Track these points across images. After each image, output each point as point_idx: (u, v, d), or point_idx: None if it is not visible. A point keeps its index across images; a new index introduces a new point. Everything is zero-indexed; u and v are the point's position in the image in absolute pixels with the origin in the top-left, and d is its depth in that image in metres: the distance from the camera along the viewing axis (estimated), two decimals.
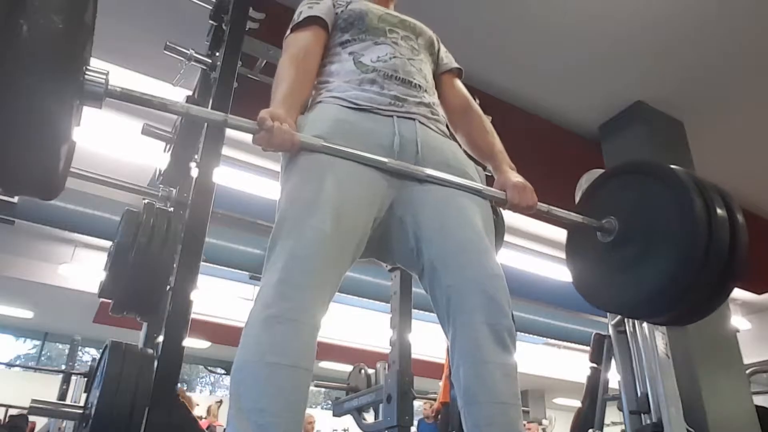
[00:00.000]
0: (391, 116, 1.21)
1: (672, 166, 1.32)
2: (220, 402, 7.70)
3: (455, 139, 1.38)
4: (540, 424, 8.81)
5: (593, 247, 1.38)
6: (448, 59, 1.49)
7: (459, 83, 1.48)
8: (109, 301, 1.73)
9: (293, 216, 1.07)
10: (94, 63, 0.98)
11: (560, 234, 6.03)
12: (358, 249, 1.12)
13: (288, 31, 1.36)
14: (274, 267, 1.02)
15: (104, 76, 0.96)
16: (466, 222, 1.16)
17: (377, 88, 1.24)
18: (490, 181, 1.35)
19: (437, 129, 1.29)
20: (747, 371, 3.66)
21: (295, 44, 1.31)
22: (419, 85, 1.29)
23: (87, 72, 0.95)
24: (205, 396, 10.68)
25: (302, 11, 1.36)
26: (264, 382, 0.90)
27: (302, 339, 0.95)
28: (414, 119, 1.23)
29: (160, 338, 1.53)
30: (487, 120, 1.42)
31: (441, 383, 4.39)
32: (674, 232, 1.22)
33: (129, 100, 1.00)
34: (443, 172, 1.20)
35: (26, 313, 7.75)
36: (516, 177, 1.28)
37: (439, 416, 4.46)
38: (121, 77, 3.84)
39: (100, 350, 1.63)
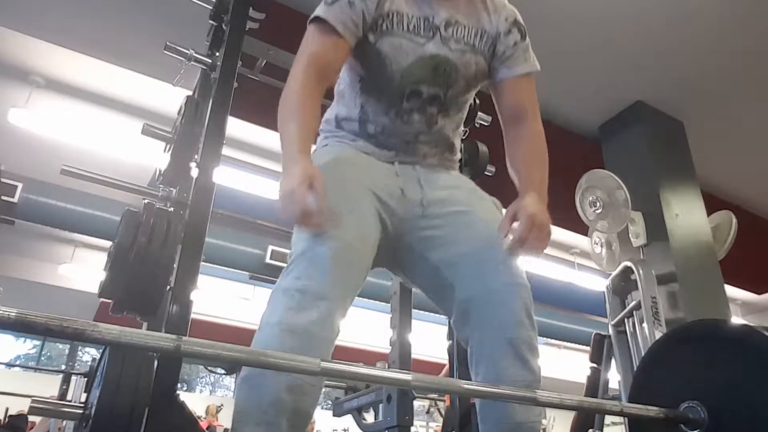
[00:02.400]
0: (393, 163, 1.20)
1: None
2: (221, 406, 7.72)
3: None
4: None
5: None
6: (508, 66, 1.24)
7: (517, 89, 1.24)
8: (109, 301, 1.73)
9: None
10: (96, 63, 0.95)
11: (559, 234, 6.00)
12: (371, 260, 1.10)
13: (311, 17, 1.16)
14: (290, 272, 0.99)
15: None
16: (480, 233, 1.12)
17: (380, 148, 1.21)
18: None
19: (442, 167, 1.26)
20: None
21: (314, 59, 1.12)
22: (424, 154, 1.23)
23: None
24: (205, 396, 10.68)
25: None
26: (271, 394, 0.89)
27: (315, 353, 0.94)
28: (414, 165, 1.21)
29: None
30: (534, 138, 1.22)
31: None
32: None
33: None
34: (452, 196, 1.18)
35: None
36: (533, 206, 1.05)
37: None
38: (121, 77, 3.85)
39: (100, 350, 1.63)
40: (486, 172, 2.49)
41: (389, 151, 1.21)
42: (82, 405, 1.61)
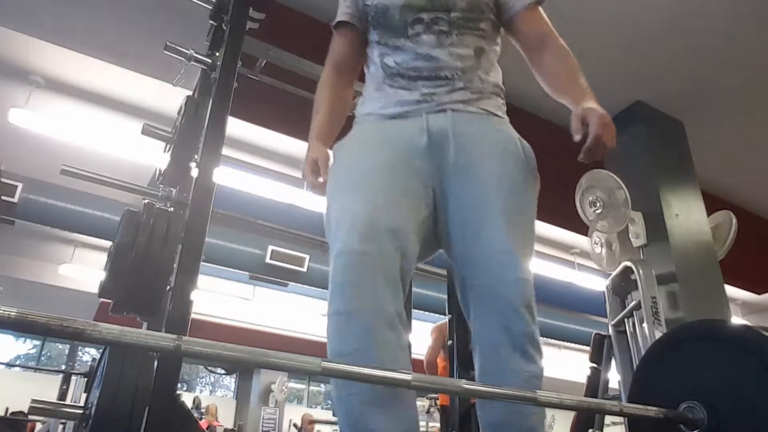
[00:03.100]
0: (421, 114, 1.18)
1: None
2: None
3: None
4: None
5: None
6: (514, 0, 1.30)
7: (531, 19, 1.30)
8: (109, 301, 1.73)
9: (329, 234, 1.08)
10: (96, 63, 0.95)
11: (560, 234, 5.99)
12: (409, 253, 1.06)
13: None
14: (328, 297, 1.01)
15: None
16: (492, 222, 1.09)
17: (405, 91, 1.21)
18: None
19: (477, 108, 1.21)
20: None
21: (330, 56, 1.35)
22: (450, 75, 1.20)
23: None
24: (205, 396, 10.68)
25: (338, 8, 1.36)
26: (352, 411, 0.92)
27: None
28: (446, 110, 1.18)
29: None
30: (562, 54, 1.26)
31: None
32: None
33: None
34: (481, 153, 1.15)
35: None
36: (597, 108, 1.10)
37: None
38: (121, 77, 3.85)
39: (100, 350, 1.63)
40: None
41: (415, 87, 1.20)
42: (82, 405, 1.61)
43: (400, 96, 1.21)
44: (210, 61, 2.14)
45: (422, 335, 3.79)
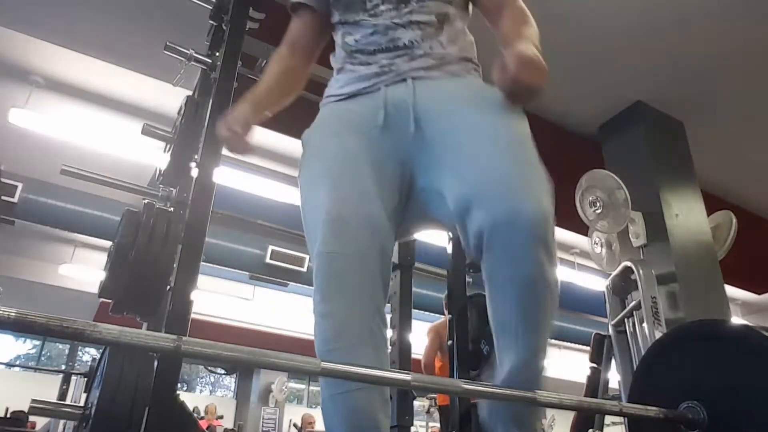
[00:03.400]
0: (379, 88, 1.13)
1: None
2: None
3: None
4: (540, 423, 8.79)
5: None
6: None
7: None
8: (109, 301, 1.73)
9: (306, 231, 1.07)
10: (96, 63, 0.95)
11: (560, 234, 6.01)
12: (386, 243, 1.03)
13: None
14: (313, 296, 1.02)
15: None
16: (484, 162, 0.98)
17: (363, 66, 1.17)
18: None
19: (440, 73, 1.14)
20: None
21: (286, 37, 1.33)
22: (408, 43, 1.14)
23: None
24: (205, 396, 10.68)
25: None
26: (333, 415, 0.95)
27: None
28: (406, 79, 1.12)
29: None
30: (517, 13, 1.19)
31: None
32: None
33: None
34: (451, 111, 1.07)
35: None
36: (520, 45, 0.99)
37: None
38: (121, 77, 3.85)
39: (100, 350, 1.63)
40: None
41: (373, 61, 1.16)
42: (82, 405, 1.61)
43: (359, 72, 1.17)
44: (210, 61, 2.14)
45: (422, 335, 3.79)
